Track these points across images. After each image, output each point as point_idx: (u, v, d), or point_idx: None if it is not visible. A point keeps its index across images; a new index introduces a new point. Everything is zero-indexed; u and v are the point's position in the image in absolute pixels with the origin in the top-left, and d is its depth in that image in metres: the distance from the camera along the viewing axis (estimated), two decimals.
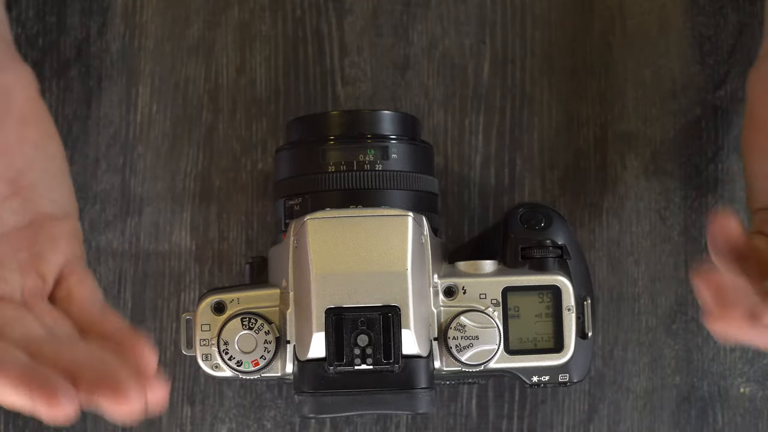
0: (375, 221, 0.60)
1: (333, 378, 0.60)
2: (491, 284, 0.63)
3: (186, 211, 0.72)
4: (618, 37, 0.73)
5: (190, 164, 0.72)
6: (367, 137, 0.64)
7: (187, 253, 0.72)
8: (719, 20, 0.73)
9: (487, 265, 0.63)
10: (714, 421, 0.72)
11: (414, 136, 0.65)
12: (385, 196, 0.63)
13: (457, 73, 0.73)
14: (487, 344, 0.61)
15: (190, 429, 0.72)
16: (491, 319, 0.62)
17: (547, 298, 0.63)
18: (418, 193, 0.64)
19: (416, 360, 0.60)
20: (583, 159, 0.72)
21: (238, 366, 0.61)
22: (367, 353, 0.60)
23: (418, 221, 0.61)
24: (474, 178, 0.72)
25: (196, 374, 0.71)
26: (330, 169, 0.63)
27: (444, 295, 0.62)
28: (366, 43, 0.73)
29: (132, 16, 0.72)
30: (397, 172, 0.63)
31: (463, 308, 0.62)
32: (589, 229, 0.72)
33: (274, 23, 0.73)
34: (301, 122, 0.66)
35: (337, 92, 0.73)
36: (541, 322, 0.63)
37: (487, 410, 0.72)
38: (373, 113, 0.65)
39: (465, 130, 0.73)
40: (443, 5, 0.73)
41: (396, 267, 0.60)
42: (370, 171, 0.63)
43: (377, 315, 0.60)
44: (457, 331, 0.61)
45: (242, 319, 0.61)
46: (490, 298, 0.62)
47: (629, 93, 0.73)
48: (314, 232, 0.60)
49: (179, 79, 0.72)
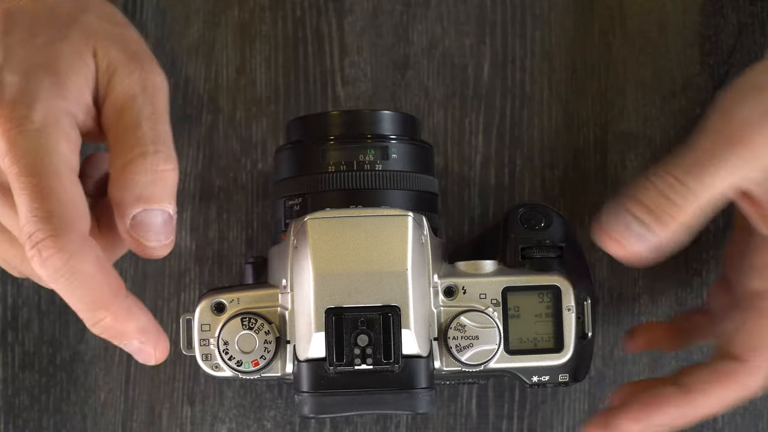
0: (375, 221, 0.60)
1: (333, 378, 0.60)
2: (491, 284, 0.63)
3: (186, 211, 0.72)
4: (618, 37, 0.73)
5: (190, 164, 0.72)
6: (367, 137, 0.63)
7: (187, 253, 0.72)
8: (719, 20, 0.73)
9: (487, 265, 0.63)
10: (714, 421, 0.72)
11: (414, 136, 0.65)
12: (385, 196, 0.63)
13: (457, 73, 0.73)
14: (487, 344, 0.61)
15: (190, 429, 0.72)
16: (491, 319, 0.62)
17: (547, 298, 0.63)
18: (418, 193, 0.64)
19: (416, 360, 0.60)
20: (583, 159, 0.72)
21: (238, 366, 0.61)
22: (367, 353, 0.60)
23: (418, 221, 0.61)
24: (474, 178, 0.72)
25: (196, 374, 0.71)
26: (330, 169, 0.63)
27: (444, 295, 0.62)
28: (366, 43, 0.73)
29: (132, 16, 0.72)
30: (397, 172, 0.63)
31: (463, 308, 0.62)
32: (589, 229, 0.71)
33: (274, 23, 0.73)
34: (301, 122, 0.66)
35: (337, 92, 0.73)
36: (541, 322, 0.63)
37: (487, 410, 0.72)
38: (373, 113, 0.65)
39: (465, 130, 0.73)
40: (443, 5, 0.73)
41: (396, 267, 0.60)
42: (370, 171, 0.63)
43: (377, 315, 0.60)
44: (457, 331, 0.61)
45: (242, 319, 0.61)
46: (490, 298, 0.62)
47: (629, 93, 0.73)
48: (314, 232, 0.60)
49: (179, 79, 0.72)
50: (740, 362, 0.61)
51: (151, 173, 0.58)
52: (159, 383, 0.72)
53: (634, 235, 0.59)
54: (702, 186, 0.58)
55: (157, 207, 0.58)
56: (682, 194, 0.58)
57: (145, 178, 0.58)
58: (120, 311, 0.58)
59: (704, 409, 0.61)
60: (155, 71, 0.61)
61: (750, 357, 0.60)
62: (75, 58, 0.59)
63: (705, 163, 0.58)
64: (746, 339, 0.61)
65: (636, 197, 0.59)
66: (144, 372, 0.72)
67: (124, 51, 0.61)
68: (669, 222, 0.59)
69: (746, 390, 0.61)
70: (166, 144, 0.59)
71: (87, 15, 0.61)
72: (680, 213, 0.58)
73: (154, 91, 0.60)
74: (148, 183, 0.58)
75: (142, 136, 0.59)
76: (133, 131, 0.59)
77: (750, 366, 0.60)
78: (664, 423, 0.61)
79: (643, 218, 0.59)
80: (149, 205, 0.58)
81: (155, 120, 0.59)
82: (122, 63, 0.60)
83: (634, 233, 0.59)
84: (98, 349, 0.71)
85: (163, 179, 0.58)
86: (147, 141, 0.59)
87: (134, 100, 0.60)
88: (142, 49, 0.62)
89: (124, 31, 0.62)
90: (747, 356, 0.60)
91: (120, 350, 0.71)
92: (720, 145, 0.58)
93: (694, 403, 0.60)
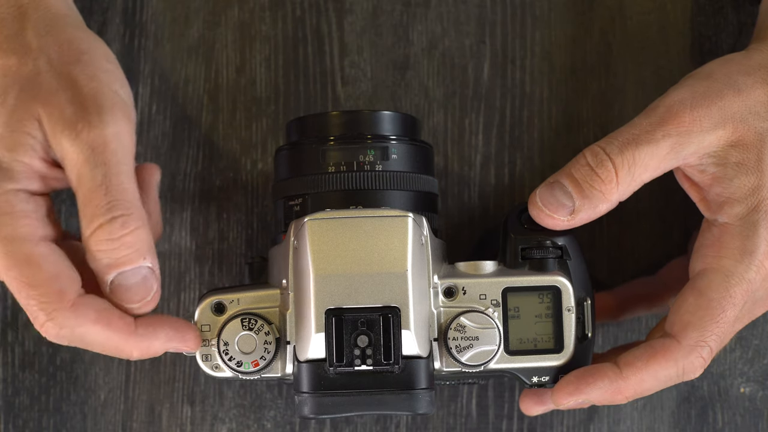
0: (375, 222, 0.60)
1: (333, 378, 0.60)
2: (491, 285, 0.63)
3: (186, 211, 0.72)
4: (618, 37, 0.73)
5: (190, 164, 0.72)
6: (367, 137, 0.63)
7: (187, 253, 0.72)
8: (719, 20, 0.73)
9: (487, 266, 0.63)
10: (714, 421, 0.72)
11: (414, 136, 0.65)
12: (385, 197, 0.63)
13: (457, 73, 0.73)
14: (487, 345, 0.61)
15: (190, 429, 0.72)
16: (491, 320, 0.62)
17: (547, 299, 0.63)
18: (418, 194, 0.64)
19: (416, 361, 0.60)
20: None
21: (238, 366, 0.61)
22: (367, 354, 0.60)
23: (418, 222, 0.61)
24: (474, 178, 0.72)
25: (196, 374, 0.72)
26: (330, 170, 0.63)
27: (444, 295, 0.62)
28: (366, 43, 0.73)
29: (132, 16, 0.72)
30: (397, 172, 0.63)
31: (463, 309, 0.62)
32: (589, 229, 0.71)
33: (274, 23, 0.73)
34: (301, 122, 0.66)
35: (337, 92, 0.73)
36: (541, 322, 0.63)
37: (487, 410, 0.72)
38: (373, 113, 0.65)
39: (465, 130, 0.73)
40: (443, 5, 0.73)
41: (396, 268, 0.60)
42: (370, 171, 0.63)
43: (377, 316, 0.60)
44: (457, 331, 0.61)
45: (242, 319, 0.61)
46: (490, 299, 0.62)
47: (629, 93, 0.73)
48: (314, 232, 0.60)
49: (179, 79, 0.72)
50: (674, 339, 0.61)
51: (112, 242, 0.59)
52: (159, 383, 0.72)
53: (559, 204, 0.61)
54: (628, 162, 0.61)
55: (129, 268, 0.60)
56: (608, 169, 0.60)
57: (108, 246, 0.59)
58: (139, 344, 0.60)
59: (638, 385, 0.61)
60: (104, 122, 0.60)
61: (682, 335, 0.61)
62: (17, 135, 0.59)
63: (634, 140, 0.61)
64: (680, 317, 0.61)
65: (567, 169, 0.62)
66: (144, 372, 0.72)
67: (72, 104, 0.60)
68: (592, 195, 0.61)
69: (679, 368, 0.61)
70: (123, 206, 0.59)
71: (34, 62, 0.60)
72: (604, 187, 0.61)
73: (105, 149, 0.59)
74: (112, 251, 0.59)
75: (97, 206, 0.59)
76: (89, 202, 0.59)
77: (683, 344, 0.61)
78: (597, 397, 0.61)
79: (570, 189, 0.61)
80: (121, 269, 0.60)
81: (107, 184, 0.59)
82: (68, 124, 0.59)
83: (559, 203, 0.61)
84: None
85: (126, 243, 0.59)
86: (102, 211, 0.59)
87: (85, 167, 0.59)
88: (92, 93, 0.60)
89: (76, 72, 0.61)
90: (680, 334, 0.61)
91: None
92: (651, 124, 0.61)
93: (628, 379, 0.61)
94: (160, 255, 0.71)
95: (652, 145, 0.60)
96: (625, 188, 0.61)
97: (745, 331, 0.72)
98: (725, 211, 0.61)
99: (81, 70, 0.61)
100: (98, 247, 0.59)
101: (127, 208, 0.59)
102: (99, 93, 0.60)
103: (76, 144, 0.59)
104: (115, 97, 0.61)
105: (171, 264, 0.72)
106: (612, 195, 0.61)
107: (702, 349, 0.61)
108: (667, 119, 0.61)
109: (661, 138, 0.61)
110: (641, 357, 0.61)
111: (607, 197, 0.61)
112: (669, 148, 0.61)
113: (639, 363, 0.61)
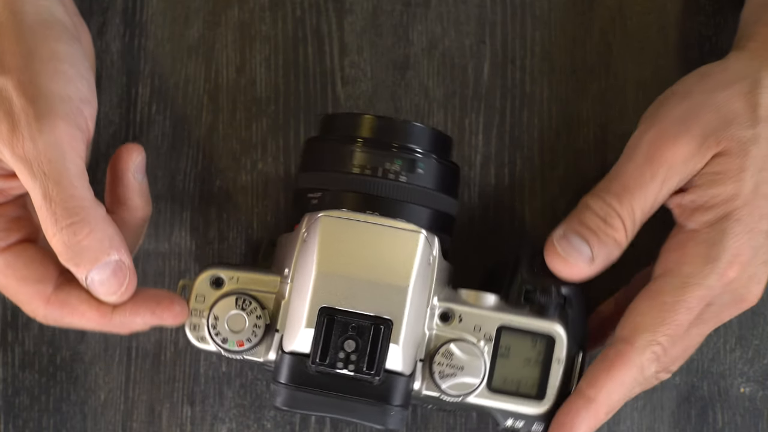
0: (387, 232, 0.60)
1: (312, 375, 0.60)
2: (488, 319, 0.62)
3: (186, 211, 0.72)
4: (618, 37, 0.73)
5: (190, 164, 0.72)
6: (397, 146, 0.63)
7: (187, 253, 0.72)
8: (719, 20, 0.73)
9: (488, 299, 0.63)
10: (714, 421, 0.72)
11: (444, 155, 0.65)
12: (402, 209, 0.62)
13: (457, 73, 0.73)
14: (471, 377, 0.61)
15: (190, 429, 0.72)
16: (480, 353, 0.61)
17: (540, 345, 0.62)
18: (436, 212, 0.63)
19: (397, 377, 0.60)
20: (583, 159, 0.72)
21: (222, 343, 0.61)
22: (350, 359, 0.59)
23: (430, 241, 0.61)
24: (474, 178, 0.72)
25: (196, 374, 0.72)
26: (354, 171, 0.62)
27: (440, 318, 0.62)
28: (366, 43, 0.73)
29: (132, 16, 0.72)
30: (420, 187, 0.63)
31: (456, 336, 0.62)
32: None
33: (274, 23, 0.73)
34: (337, 119, 0.65)
35: (337, 92, 0.73)
36: (529, 367, 0.62)
37: None
38: (407, 124, 0.64)
39: (465, 130, 0.73)
40: (443, 5, 0.73)
41: (398, 281, 0.60)
42: (394, 181, 0.62)
43: (369, 324, 0.59)
44: (444, 357, 0.61)
45: (237, 298, 0.61)
46: (483, 332, 0.62)
47: (629, 93, 0.73)
48: (326, 229, 0.60)
49: (179, 79, 0.72)
50: (626, 343, 0.62)
51: (72, 246, 0.59)
52: (159, 383, 0.72)
53: (577, 252, 0.63)
54: (630, 209, 0.63)
55: (95, 267, 0.60)
56: (615, 218, 0.63)
57: (70, 251, 0.60)
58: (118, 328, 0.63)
59: (608, 398, 0.62)
60: (40, 131, 0.59)
61: (634, 337, 0.62)
62: None
63: (628, 191, 0.63)
64: (632, 319, 0.62)
65: (578, 219, 0.63)
66: (144, 372, 0.72)
67: (6, 118, 0.59)
68: (607, 241, 0.63)
69: (638, 368, 0.62)
70: (69, 213, 0.59)
71: None
72: (617, 234, 0.63)
73: (46, 158, 0.59)
74: (74, 256, 0.60)
75: (46, 218, 0.59)
76: (39, 213, 0.60)
77: (635, 346, 0.62)
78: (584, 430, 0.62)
79: (587, 237, 0.63)
80: (88, 268, 0.60)
81: (50, 195, 0.59)
82: (4, 139, 0.59)
83: (579, 252, 0.63)
84: (98, 349, 0.71)
85: (84, 247, 0.60)
86: (51, 222, 0.59)
87: (27, 180, 0.59)
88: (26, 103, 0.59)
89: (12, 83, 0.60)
90: (632, 336, 0.62)
91: (120, 350, 0.71)
92: (638, 167, 0.63)
93: (597, 398, 0.62)
94: (160, 255, 0.72)
95: (644, 190, 0.62)
96: (632, 234, 0.63)
97: (745, 331, 0.72)
98: (696, 218, 0.63)
99: (17, 77, 0.60)
100: (63, 254, 0.60)
101: (76, 214, 0.59)
102: (34, 101, 0.59)
103: (14, 158, 0.59)
104: (53, 101, 0.60)
105: (171, 264, 0.72)
106: (624, 242, 0.63)
107: (654, 346, 0.62)
108: (652, 158, 0.62)
109: (650, 179, 0.62)
110: (601, 370, 0.62)
111: (620, 244, 0.63)
112: (659, 186, 0.62)
113: (600, 376, 0.62)
